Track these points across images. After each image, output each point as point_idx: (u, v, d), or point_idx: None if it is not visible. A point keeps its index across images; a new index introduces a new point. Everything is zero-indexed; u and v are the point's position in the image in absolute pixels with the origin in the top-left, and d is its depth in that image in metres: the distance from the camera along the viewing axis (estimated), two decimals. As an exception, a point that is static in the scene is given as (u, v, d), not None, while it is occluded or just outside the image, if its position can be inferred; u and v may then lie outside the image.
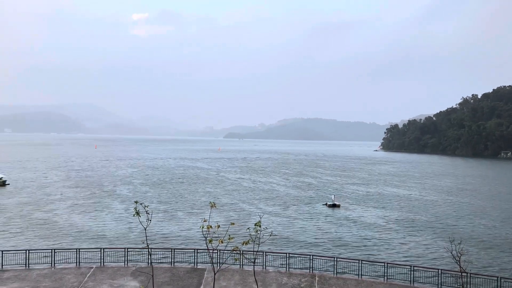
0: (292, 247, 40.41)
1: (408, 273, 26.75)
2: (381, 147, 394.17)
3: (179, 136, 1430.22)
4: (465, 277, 24.07)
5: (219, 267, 25.27)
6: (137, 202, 14.71)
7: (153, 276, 18.91)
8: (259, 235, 13.12)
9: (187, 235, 44.84)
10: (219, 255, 27.79)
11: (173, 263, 29.14)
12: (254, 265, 21.98)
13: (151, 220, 14.75)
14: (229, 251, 18.44)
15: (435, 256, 38.74)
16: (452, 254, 18.23)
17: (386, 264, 27.49)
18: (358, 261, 27.80)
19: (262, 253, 28.17)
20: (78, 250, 29.05)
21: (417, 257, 38.08)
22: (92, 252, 30.00)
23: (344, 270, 28.57)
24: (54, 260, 28.60)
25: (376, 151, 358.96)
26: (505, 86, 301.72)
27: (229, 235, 13.18)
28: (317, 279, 26.74)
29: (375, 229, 49.92)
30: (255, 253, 18.18)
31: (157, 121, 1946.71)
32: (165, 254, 31.54)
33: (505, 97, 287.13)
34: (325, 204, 66.55)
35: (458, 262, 16.54)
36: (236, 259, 25.80)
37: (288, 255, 28.51)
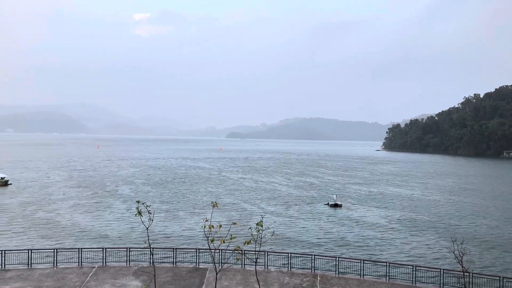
0: (294, 247, 40.44)
1: (410, 273, 26.68)
2: (383, 147, 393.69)
3: (181, 136, 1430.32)
4: (468, 277, 24.01)
5: (221, 267, 25.31)
6: (139, 202, 14.69)
7: (155, 275, 18.95)
8: (261, 234, 13.11)
9: (189, 234, 44.90)
10: (221, 255, 27.83)
11: (175, 262, 29.14)
12: (256, 265, 21.94)
13: (153, 220, 14.73)
14: (231, 251, 18.41)
15: (438, 256, 38.71)
16: (454, 254, 18.16)
17: (388, 264, 27.46)
18: (360, 261, 27.73)
19: (264, 253, 28.19)
20: (80, 249, 29.10)
21: (419, 257, 38.03)
22: (94, 251, 30.08)
23: (346, 270, 28.51)
24: (56, 259, 28.68)
25: (378, 150, 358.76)
26: (507, 85, 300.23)
27: (231, 235, 13.17)
28: (319, 279, 26.72)
29: (377, 229, 49.88)
30: (257, 252, 18.22)
31: (158, 121, 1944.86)
32: (167, 253, 31.54)
33: (507, 96, 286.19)
34: (327, 204, 66.51)
35: (460, 262, 16.48)
36: (238, 259, 25.83)
37: (290, 255, 28.49)
